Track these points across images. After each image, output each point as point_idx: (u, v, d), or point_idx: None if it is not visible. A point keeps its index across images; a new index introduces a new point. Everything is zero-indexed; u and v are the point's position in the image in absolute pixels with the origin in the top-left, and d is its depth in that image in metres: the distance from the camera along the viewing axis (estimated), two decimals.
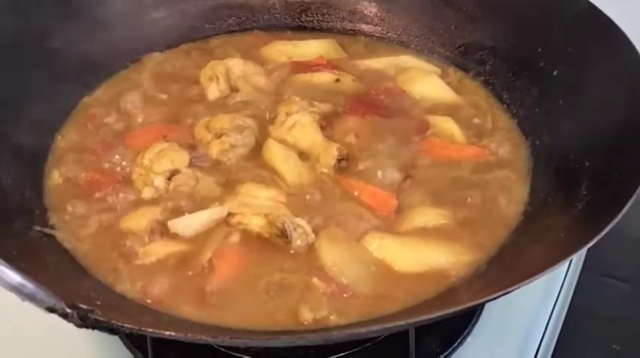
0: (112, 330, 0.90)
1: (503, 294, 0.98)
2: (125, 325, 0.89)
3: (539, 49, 1.46)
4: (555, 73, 1.42)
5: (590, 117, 1.30)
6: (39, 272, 0.97)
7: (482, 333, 1.32)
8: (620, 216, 1.03)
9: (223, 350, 1.21)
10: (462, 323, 1.32)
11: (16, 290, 0.89)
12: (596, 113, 1.29)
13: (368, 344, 1.24)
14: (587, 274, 1.47)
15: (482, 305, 1.34)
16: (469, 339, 1.31)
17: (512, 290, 0.99)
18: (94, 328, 0.90)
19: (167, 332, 0.89)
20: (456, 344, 1.29)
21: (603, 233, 1.02)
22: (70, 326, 0.94)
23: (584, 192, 1.20)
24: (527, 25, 1.50)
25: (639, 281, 1.47)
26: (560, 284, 1.42)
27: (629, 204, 1.04)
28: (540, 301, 1.38)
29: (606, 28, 1.36)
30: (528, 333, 1.33)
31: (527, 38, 1.49)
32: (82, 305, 0.89)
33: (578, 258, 1.48)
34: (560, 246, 1.09)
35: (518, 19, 1.53)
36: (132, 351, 1.25)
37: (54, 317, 0.93)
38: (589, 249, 1.46)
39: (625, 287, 1.46)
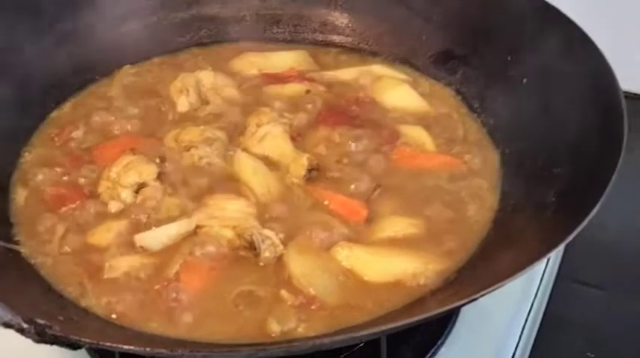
0: (70, 345, 0.88)
1: (471, 300, 0.98)
2: (83, 339, 0.88)
3: (509, 58, 1.47)
4: (524, 81, 1.42)
5: (558, 124, 1.30)
6: (1, 288, 0.95)
7: (456, 343, 1.31)
8: (586, 221, 1.03)
9: None
10: (436, 333, 1.31)
11: None
12: (564, 121, 1.29)
13: (341, 357, 1.22)
14: (562, 281, 1.47)
15: (456, 313, 1.33)
16: (443, 349, 1.30)
17: (481, 296, 0.98)
18: (52, 343, 0.89)
19: (126, 346, 0.87)
20: (429, 354, 1.28)
21: (570, 238, 1.01)
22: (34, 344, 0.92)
23: (553, 199, 1.20)
24: (496, 34, 1.51)
25: (613, 288, 1.47)
26: (535, 292, 1.42)
27: (595, 209, 1.04)
28: (514, 309, 1.38)
29: (575, 36, 1.36)
30: (503, 342, 1.32)
31: (496, 47, 1.50)
32: (39, 320, 0.87)
33: (552, 266, 1.48)
34: (529, 252, 1.08)
35: (487, 28, 1.53)
36: None
37: (15, 334, 0.91)
38: (563, 256, 1.49)
39: (599, 294, 1.46)
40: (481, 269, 1.17)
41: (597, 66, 1.29)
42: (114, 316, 1.12)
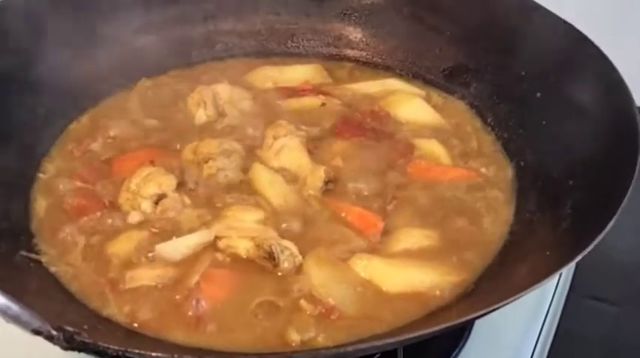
0: (98, 352, 0.89)
1: (489, 312, 0.99)
2: (111, 346, 0.89)
3: (523, 73, 1.49)
4: (538, 95, 1.44)
5: (573, 137, 1.32)
6: (24, 296, 0.96)
7: (470, 356, 1.31)
8: (604, 233, 1.04)
9: None
10: (450, 345, 1.32)
11: (1, 311, 0.88)
12: (579, 134, 1.31)
13: None
14: (574, 297, 1.47)
15: (470, 327, 1.34)
16: None
17: (499, 308, 0.99)
18: (80, 350, 0.90)
19: (154, 354, 0.88)
20: None
21: (587, 250, 1.02)
22: (57, 351, 0.93)
23: (569, 211, 1.21)
24: (510, 48, 1.52)
25: (626, 304, 1.47)
26: (547, 307, 1.43)
27: (612, 222, 1.05)
28: (528, 323, 1.39)
29: (589, 51, 1.38)
30: (516, 355, 1.33)
31: (510, 62, 1.51)
32: (67, 327, 0.88)
33: (565, 281, 1.49)
34: (546, 264, 1.09)
35: (501, 42, 1.55)
36: None
37: (40, 340, 0.92)
38: (576, 271, 1.49)
39: (612, 309, 1.47)
40: (498, 281, 1.18)
41: (611, 81, 1.30)
42: (136, 325, 1.13)
